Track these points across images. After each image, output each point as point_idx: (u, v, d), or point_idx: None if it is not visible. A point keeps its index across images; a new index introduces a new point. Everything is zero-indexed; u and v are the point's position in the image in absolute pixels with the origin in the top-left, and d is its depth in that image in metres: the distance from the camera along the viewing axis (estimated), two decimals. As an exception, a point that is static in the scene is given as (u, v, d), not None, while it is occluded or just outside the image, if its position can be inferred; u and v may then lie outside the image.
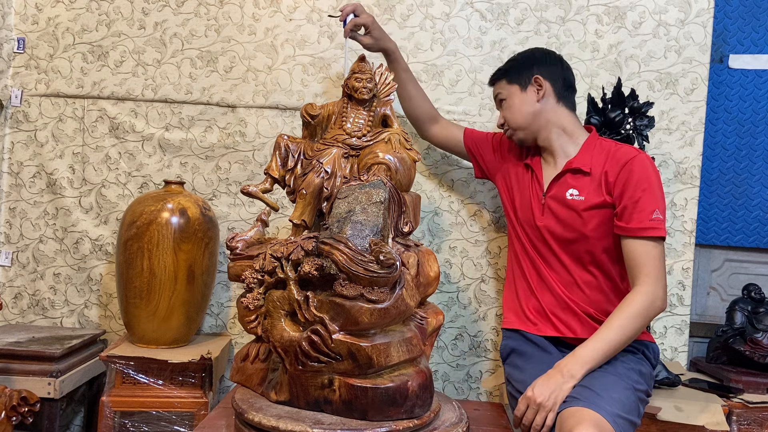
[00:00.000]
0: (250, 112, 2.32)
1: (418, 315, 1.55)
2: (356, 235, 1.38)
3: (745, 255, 2.45)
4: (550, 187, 1.78)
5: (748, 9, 2.39)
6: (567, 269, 1.75)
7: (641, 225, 1.61)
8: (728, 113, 2.40)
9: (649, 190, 1.63)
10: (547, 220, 1.77)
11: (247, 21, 2.32)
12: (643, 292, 1.58)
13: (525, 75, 1.80)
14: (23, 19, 2.34)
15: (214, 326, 2.33)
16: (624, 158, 1.68)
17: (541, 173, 1.83)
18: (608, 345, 1.54)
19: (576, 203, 1.72)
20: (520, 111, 1.80)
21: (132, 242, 2.03)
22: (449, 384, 2.29)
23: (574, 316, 1.72)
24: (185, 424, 1.99)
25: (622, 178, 1.66)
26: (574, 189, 1.73)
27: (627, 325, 1.55)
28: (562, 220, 1.74)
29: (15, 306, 2.34)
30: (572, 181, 1.74)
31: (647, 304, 1.57)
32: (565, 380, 1.49)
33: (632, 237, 1.62)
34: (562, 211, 1.74)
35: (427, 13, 2.30)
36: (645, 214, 1.61)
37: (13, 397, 1.67)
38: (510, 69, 1.85)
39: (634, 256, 1.61)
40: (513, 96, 1.82)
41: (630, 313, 1.56)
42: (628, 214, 1.63)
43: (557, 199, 1.76)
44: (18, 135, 2.34)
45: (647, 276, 1.59)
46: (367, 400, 1.37)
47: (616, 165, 1.68)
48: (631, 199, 1.63)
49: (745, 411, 1.95)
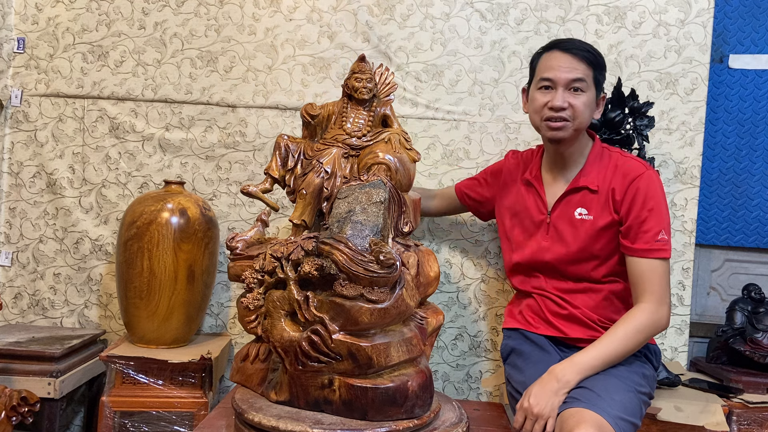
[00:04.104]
0: (250, 112, 2.32)
1: (418, 315, 1.55)
2: (356, 235, 1.38)
3: (745, 255, 2.45)
4: (555, 206, 1.73)
5: (748, 9, 2.39)
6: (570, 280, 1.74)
7: (647, 246, 1.60)
8: (728, 113, 2.40)
9: (656, 210, 1.61)
10: (552, 241, 1.72)
11: (247, 21, 2.32)
12: (649, 310, 1.57)
13: (601, 84, 1.71)
14: (23, 19, 2.34)
15: (214, 326, 2.33)
16: (631, 175, 1.64)
17: (543, 191, 1.77)
18: (607, 356, 1.53)
19: (585, 223, 1.68)
20: (589, 112, 1.68)
21: (132, 242, 2.02)
22: (449, 384, 2.29)
23: (576, 321, 1.71)
24: (185, 424, 1.99)
25: (629, 196, 1.63)
26: (582, 208, 1.69)
27: (628, 339, 1.55)
28: (568, 240, 1.70)
29: (15, 306, 2.34)
30: (579, 199, 1.70)
31: (651, 322, 1.56)
32: (561, 386, 1.49)
33: (637, 257, 1.61)
34: (568, 231, 1.70)
35: (427, 13, 2.30)
36: (651, 235, 1.59)
37: (13, 397, 1.67)
38: (599, 66, 1.69)
39: (640, 275, 1.60)
40: (590, 93, 1.67)
41: (633, 327, 1.56)
42: (634, 234, 1.62)
43: (564, 219, 1.71)
44: (18, 135, 2.34)
45: (652, 294, 1.58)
46: (367, 400, 1.36)
47: (623, 182, 1.65)
48: (637, 219, 1.61)
49: (745, 411, 1.95)
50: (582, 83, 1.64)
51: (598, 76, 1.68)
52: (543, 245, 1.74)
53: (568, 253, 1.70)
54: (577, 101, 1.64)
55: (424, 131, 2.30)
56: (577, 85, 1.64)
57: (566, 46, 1.66)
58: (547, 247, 1.73)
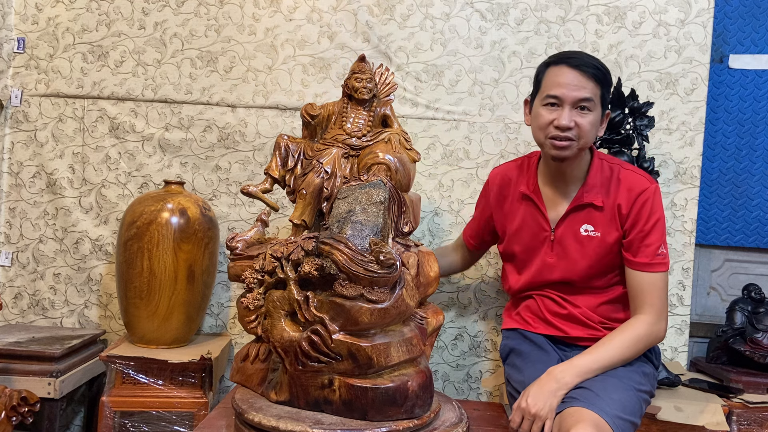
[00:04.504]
0: (250, 112, 2.32)
1: (418, 315, 1.55)
2: (356, 235, 1.38)
3: (745, 255, 2.44)
4: (559, 223, 1.71)
5: (748, 9, 2.39)
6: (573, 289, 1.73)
7: (647, 261, 1.62)
8: (728, 113, 2.40)
9: (658, 225, 1.63)
10: (557, 258, 1.71)
11: (247, 21, 2.32)
12: (648, 322, 1.59)
13: (607, 101, 1.68)
14: (23, 19, 2.34)
15: (214, 326, 2.33)
16: (637, 190, 1.64)
17: (544, 206, 1.73)
18: (605, 360, 1.55)
19: (593, 240, 1.67)
20: (595, 131, 1.64)
21: (132, 242, 2.02)
22: (449, 384, 2.29)
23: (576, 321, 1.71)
24: (185, 424, 1.99)
25: (635, 211, 1.63)
26: (588, 224, 1.68)
27: (626, 349, 1.57)
28: (576, 257, 1.69)
29: (15, 306, 2.34)
30: (585, 215, 1.68)
31: (649, 333, 1.59)
32: (559, 387, 1.49)
33: (639, 270, 1.63)
34: (575, 248, 1.69)
35: (427, 13, 2.30)
36: (651, 250, 1.61)
37: (13, 397, 1.66)
38: (607, 84, 1.64)
39: (640, 288, 1.62)
40: (596, 112, 1.62)
41: (632, 336, 1.58)
42: (635, 248, 1.63)
43: (570, 235, 1.69)
44: (18, 135, 2.34)
45: (651, 306, 1.60)
46: (367, 400, 1.36)
47: (629, 197, 1.64)
48: (641, 234, 1.62)
49: (745, 411, 1.95)
50: (590, 102, 1.59)
51: (605, 94, 1.64)
52: (548, 262, 1.72)
53: (577, 270, 1.69)
54: (583, 120, 1.59)
55: (424, 131, 2.30)
56: (585, 105, 1.58)
57: (575, 63, 1.60)
58: (553, 264, 1.71)
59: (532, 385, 1.51)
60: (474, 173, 2.30)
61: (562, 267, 1.70)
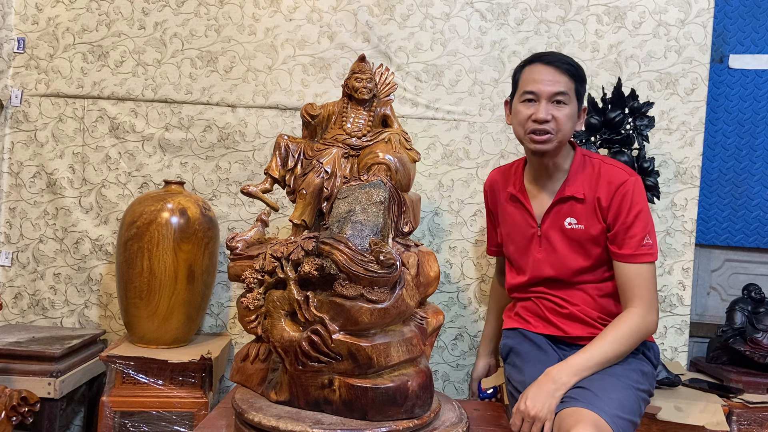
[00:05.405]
0: (250, 112, 2.32)
1: (418, 315, 1.55)
2: (356, 235, 1.38)
3: (745, 255, 2.45)
4: (544, 218, 1.73)
5: (748, 9, 2.39)
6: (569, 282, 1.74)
7: (633, 252, 1.63)
8: (728, 113, 2.40)
9: (641, 216, 1.64)
10: (546, 252, 1.73)
11: (247, 21, 2.32)
12: (638, 314, 1.60)
13: (582, 97, 1.71)
14: (23, 19, 2.34)
15: (214, 326, 2.33)
16: (616, 182, 1.66)
17: (529, 203, 1.76)
18: (602, 357, 1.55)
19: (577, 233, 1.69)
20: (572, 124, 1.67)
21: (132, 242, 2.02)
22: (449, 384, 2.29)
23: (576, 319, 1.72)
24: (185, 424, 1.99)
25: (615, 203, 1.65)
26: (571, 217, 1.70)
27: (620, 343, 1.57)
28: (563, 251, 1.71)
29: (15, 306, 2.34)
30: (568, 209, 1.71)
31: (641, 325, 1.60)
32: (557, 388, 1.50)
33: (625, 262, 1.64)
34: (561, 241, 1.71)
35: (427, 13, 2.30)
36: (636, 240, 1.62)
37: (13, 397, 1.67)
38: (580, 79, 1.69)
39: (628, 280, 1.63)
40: (572, 105, 1.67)
41: (625, 330, 1.58)
42: (620, 240, 1.64)
43: (555, 229, 1.72)
44: (18, 135, 2.34)
45: (641, 299, 1.61)
46: (367, 400, 1.36)
47: (608, 189, 1.66)
48: (623, 225, 1.64)
49: (745, 411, 1.95)
50: (565, 96, 1.64)
51: (580, 89, 1.69)
52: (538, 258, 1.74)
53: (565, 264, 1.71)
54: (560, 113, 1.64)
55: (424, 131, 2.30)
56: (560, 98, 1.64)
57: (548, 59, 1.67)
58: (543, 260, 1.73)
59: (530, 387, 1.52)
60: (474, 173, 2.30)
61: (551, 262, 1.72)
